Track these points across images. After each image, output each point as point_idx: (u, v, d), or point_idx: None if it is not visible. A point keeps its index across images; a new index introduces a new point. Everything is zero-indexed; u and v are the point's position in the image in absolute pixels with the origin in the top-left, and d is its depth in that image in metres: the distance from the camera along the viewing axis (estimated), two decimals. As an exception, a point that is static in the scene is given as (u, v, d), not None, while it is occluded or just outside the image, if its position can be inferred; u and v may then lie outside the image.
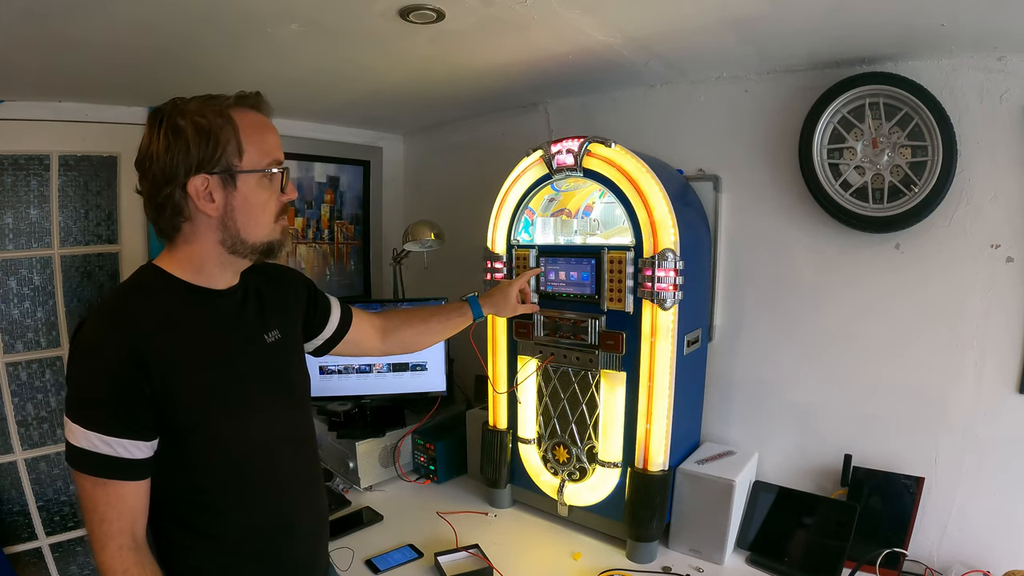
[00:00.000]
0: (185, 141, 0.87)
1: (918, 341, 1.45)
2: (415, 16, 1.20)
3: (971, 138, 1.33)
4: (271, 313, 1.09)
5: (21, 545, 1.86)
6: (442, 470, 1.95)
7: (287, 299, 1.16)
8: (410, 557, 1.50)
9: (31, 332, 1.87)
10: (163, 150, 0.88)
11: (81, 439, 0.84)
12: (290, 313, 1.16)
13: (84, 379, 0.86)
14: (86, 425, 0.84)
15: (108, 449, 0.84)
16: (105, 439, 0.84)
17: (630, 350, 1.47)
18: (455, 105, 2.14)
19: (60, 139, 1.85)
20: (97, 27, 1.22)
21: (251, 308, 1.06)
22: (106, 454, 0.84)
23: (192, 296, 0.96)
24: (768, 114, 1.61)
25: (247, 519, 0.99)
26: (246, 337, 1.03)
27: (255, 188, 0.93)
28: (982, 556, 1.36)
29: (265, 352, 1.05)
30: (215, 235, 0.94)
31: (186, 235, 0.94)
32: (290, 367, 1.11)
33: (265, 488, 1.01)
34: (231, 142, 0.90)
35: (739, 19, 1.25)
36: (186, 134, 0.87)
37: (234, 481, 0.97)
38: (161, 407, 0.87)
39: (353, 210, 2.59)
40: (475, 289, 1.64)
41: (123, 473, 0.86)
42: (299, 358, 1.17)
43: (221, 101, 0.92)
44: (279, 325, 1.10)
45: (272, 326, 1.08)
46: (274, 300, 1.12)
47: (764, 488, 1.59)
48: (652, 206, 1.41)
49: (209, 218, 0.92)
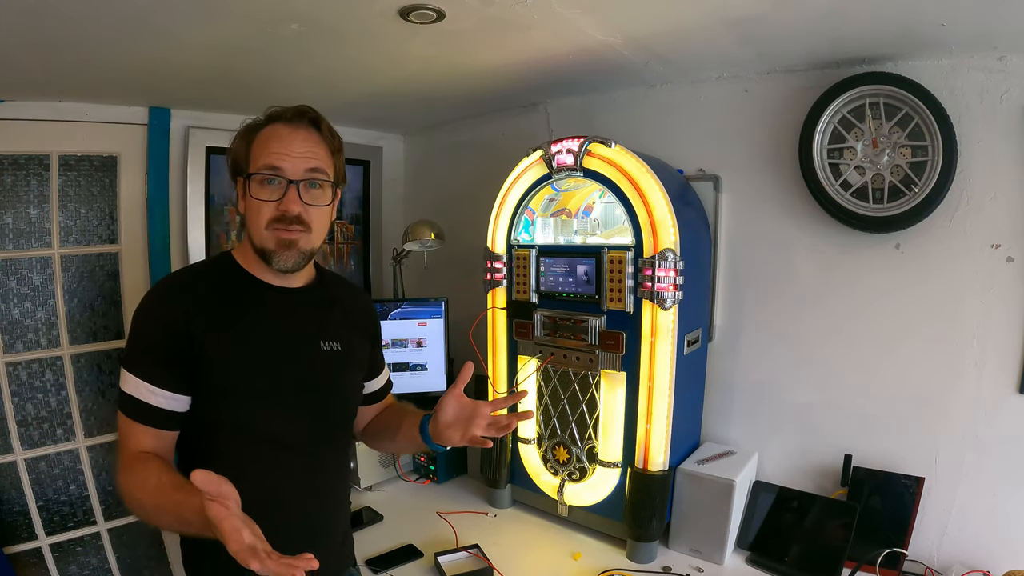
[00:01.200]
0: (233, 150, 1.04)
1: (918, 341, 1.45)
2: (415, 16, 1.20)
3: (971, 138, 1.33)
4: (339, 324, 1.13)
5: (21, 545, 1.86)
6: (442, 470, 1.95)
7: (359, 318, 1.21)
8: (410, 557, 1.50)
9: (31, 332, 1.87)
10: None
11: (129, 385, 0.95)
12: (356, 331, 1.18)
13: (135, 332, 0.98)
14: (134, 372, 0.95)
15: (150, 398, 0.94)
16: (150, 388, 0.94)
17: (630, 350, 1.47)
18: (455, 105, 2.14)
19: (60, 139, 1.85)
20: (97, 27, 1.22)
21: (317, 312, 1.11)
22: (146, 402, 0.94)
23: (246, 283, 1.05)
24: (768, 114, 1.61)
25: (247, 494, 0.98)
26: (298, 335, 1.07)
27: (255, 191, 1.00)
28: (982, 556, 1.36)
29: (316, 356, 1.08)
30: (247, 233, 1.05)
31: None
32: (336, 378, 1.12)
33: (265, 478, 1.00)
34: (245, 148, 1.02)
35: (739, 19, 1.25)
36: (234, 142, 1.04)
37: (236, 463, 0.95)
38: (195, 369, 0.96)
39: (353, 210, 2.59)
40: (475, 289, 1.63)
41: (156, 421, 0.96)
42: (349, 374, 1.16)
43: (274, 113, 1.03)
44: (342, 338, 1.12)
45: (335, 336, 1.11)
46: (348, 314, 1.16)
47: (764, 488, 1.59)
48: (652, 206, 1.41)
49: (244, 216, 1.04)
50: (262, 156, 0.99)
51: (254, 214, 1.00)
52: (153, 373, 0.95)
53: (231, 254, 1.08)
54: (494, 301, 1.72)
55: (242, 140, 1.03)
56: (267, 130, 1.01)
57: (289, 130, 1.00)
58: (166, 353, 0.95)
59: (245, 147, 1.02)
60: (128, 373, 0.96)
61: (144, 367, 0.95)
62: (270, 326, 1.05)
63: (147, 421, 0.96)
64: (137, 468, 0.93)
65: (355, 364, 1.18)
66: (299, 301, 1.09)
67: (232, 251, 1.09)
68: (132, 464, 0.94)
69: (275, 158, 0.98)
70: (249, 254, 1.06)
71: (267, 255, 1.01)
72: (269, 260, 1.01)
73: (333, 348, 1.11)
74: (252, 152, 1.01)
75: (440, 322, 2.04)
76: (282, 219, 0.99)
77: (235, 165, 1.04)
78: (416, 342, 2.03)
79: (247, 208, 1.02)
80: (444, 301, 2.05)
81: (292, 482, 1.05)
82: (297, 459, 1.05)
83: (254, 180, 0.99)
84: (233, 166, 1.04)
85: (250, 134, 1.02)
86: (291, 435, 1.04)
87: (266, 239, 1.00)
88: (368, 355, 1.23)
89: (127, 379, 0.96)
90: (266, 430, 1.02)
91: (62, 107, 1.82)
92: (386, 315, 2.03)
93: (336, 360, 1.11)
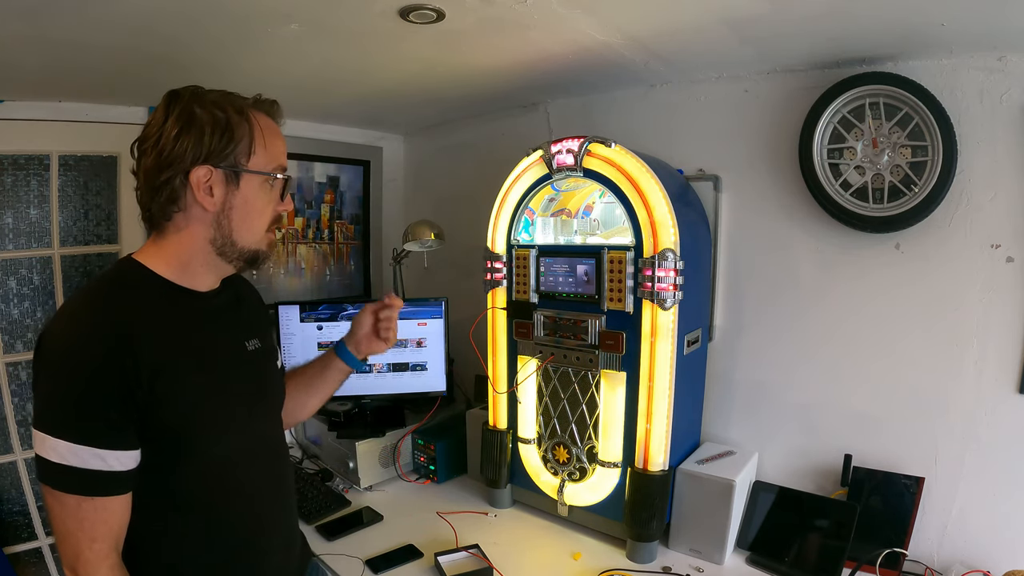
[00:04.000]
0: (199, 129, 0.85)
1: (918, 341, 1.45)
2: (415, 16, 1.20)
3: (971, 138, 1.33)
4: (251, 321, 1.08)
5: (21, 545, 1.86)
6: (442, 470, 1.95)
7: (262, 310, 1.16)
8: (410, 557, 1.50)
9: (31, 332, 1.87)
10: (173, 133, 0.85)
11: (66, 454, 0.75)
12: (264, 323, 1.14)
13: (62, 382, 0.78)
14: (70, 436, 0.76)
15: (98, 463, 0.77)
16: (94, 451, 0.76)
17: (630, 350, 1.47)
18: (455, 105, 2.14)
19: (60, 139, 1.85)
20: (97, 28, 1.22)
21: (232, 314, 1.03)
22: (96, 469, 0.77)
23: (174, 295, 0.91)
24: (768, 114, 1.61)
25: (217, 528, 0.95)
26: (228, 342, 1.00)
27: (256, 191, 0.92)
28: (982, 556, 1.36)
29: (246, 359, 1.02)
30: (207, 232, 0.90)
31: (177, 225, 0.90)
32: (268, 376, 1.09)
33: (237, 498, 0.98)
34: (244, 140, 0.89)
35: (739, 19, 1.25)
36: (201, 122, 0.86)
37: (208, 489, 0.93)
38: (146, 408, 0.81)
39: (353, 210, 2.59)
40: (475, 289, 1.63)
41: (113, 488, 0.79)
42: (275, 369, 1.14)
43: (241, 100, 0.91)
44: (258, 334, 1.07)
45: (252, 334, 1.06)
46: (253, 308, 1.12)
47: (764, 488, 1.59)
48: (652, 206, 1.41)
49: (205, 212, 0.89)
50: (274, 156, 0.93)
51: (255, 216, 0.93)
52: (96, 433, 0.77)
53: (136, 260, 0.91)
54: (494, 301, 1.72)
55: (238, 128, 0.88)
56: (263, 121, 0.92)
57: (276, 126, 0.96)
58: (108, 404, 0.77)
59: (246, 137, 0.89)
60: (61, 440, 0.75)
61: (81, 428, 0.76)
62: (206, 338, 0.94)
63: (106, 491, 0.78)
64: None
65: (274, 357, 1.13)
66: (217, 305, 0.99)
67: (137, 257, 0.91)
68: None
69: (284, 160, 0.96)
70: (177, 260, 0.91)
71: (255, 256, 0.96)
72: (255, 261, 0.96)
73: (255, 346, 1.05)
74: (256, 146, 0.90)
75: (440, 322, 2.04)
76: (278, 220, 0.98)
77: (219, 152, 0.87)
78: (416, 342, 2.03)
79: (239, 207, 0.90)
80: (444, 301, 2.05)
81: (264, 498, 1.02)
82: (264, 473, 1.02)
83: (257, 179, 0.91)
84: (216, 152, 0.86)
85: (243, 121, 0.89)
86: (253, 449, 1.00)
87: (262, 241, 0.96)
88: (276, 346, 1.19)
89: (59, 447, 0.75)
90: (235, 449, 0.96)
91: (62, 107, 1.82)
92: (386, 315, 2.03)
93: (262, 357, 1.07)
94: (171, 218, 0.89)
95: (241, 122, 0.89)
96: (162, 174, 0.86)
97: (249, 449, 1.00)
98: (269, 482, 1.04)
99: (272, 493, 1.05)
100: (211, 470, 0.93)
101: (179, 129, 0.85)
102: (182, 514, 0.91)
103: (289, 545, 1.11)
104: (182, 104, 0.86)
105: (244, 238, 0.93)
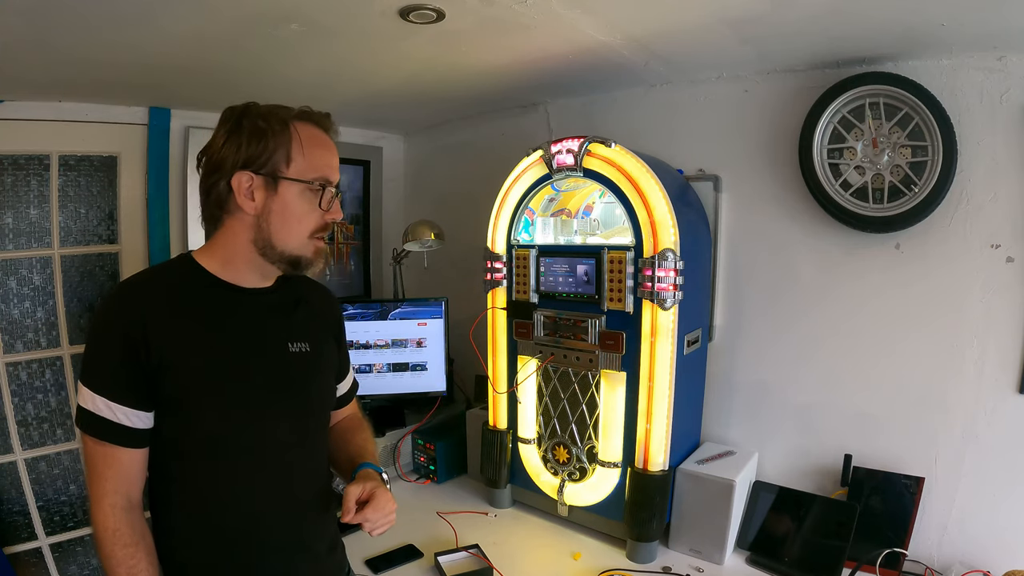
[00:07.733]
0: (240, 137, 0.95)
1: (918, 341, 1.45)
2: (415, 16, 1.20)
3: (971, 138, 1.33)
4: (306, 325, 1.10)
5: (21, 545, 1.86)
6: (442, 470, 1.95)
7: (328, 319, 1.18)
8: (410, 557, 1.50)
9: (31, 332, 1.87)
10: (221, 143, 0.96)
11: (88, 401, 0.90)
12: (324, 332, 1.15)
13: (93, 343, 0.93)
14: (92, 387, 0.90)
15: (109, 414, 0.90)
16: (108, 403, 0.89)
17: (630, 350, 1.47)
18: (455, 105, 2.14)
19: (60, 139, 1.85)
20: (97, 28, 1.22)
21: (282, 314, 1.07)
22: (107, 418, 0.90)
23: (213, 286, 0.99)
24: (768, 114, 1.61)
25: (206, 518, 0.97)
26: (265, 337, 1.03)
27: (296, 198, 0.97)
28: (982, 556, 1.36)
29: (285, 359, 1.04)
30: (248, 233, 0.98)
31: (225, 227, 0.99)
32: (305, 381, 1.08)
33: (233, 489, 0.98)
34: (281, 148, 0.95)
35: (739, 19, 1.25)
36: (243, 132, 0.95)
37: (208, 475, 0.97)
38: (155, 379, 0.91)
39: (353, 210, 2.59)
40: (475, 289, 1.63)
41: (121, 439, 0.91)
42: (320, 378, 1.13)
43: (287, 111, 0.98)
44: (311, 339, 1.09)
45: (303, 337, 1.07)
46: (314, 315, 1.13)
47: (764, 488, 1.59)
48: (652, 206, 1.41)
49: (246, 215, 0.97)
50: (315, 166, 0.97)
51: (294, 221, 0.97)
52: (111, 387, 0.90)
53: (192, 256, 1.02)
54: (494, 301, 1.72)
55: (276, 137, 0.95)
56: (307, 131, 0.98)
57: (326, 137, 1.01)
58: (123, 365, 0.90)
59: (284, 146, 0.95)
60: (86, 388, 0.90)
61: (102, 381, 0.90)
62: (236, 329, 1.00)
63: (113, 439, 0.91)
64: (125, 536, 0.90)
65: (326, 365, 1.14)
66: (264, 303, 1.04)
67: (193, 253, 1.02)
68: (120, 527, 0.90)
69: (329, 171, 1.00)
70: (222, 256, 1.00)
71: (299, 262, 1.00)
72: (300, 266, 1.01)
73: (302, 349, 1.06)
74: (294, 154, 0.96)
75: (440, 322, 2.04)
76: (325, 228, 1.01)
77: (256, 159, 0.94)
78: (416, 342, 2.03)
79: (278, 211, 0.96)
80: (444, 301, 2.05)
81: (270, 494, 1.02)
82: (272, 473, 1.02)
83: (297, 185, 0.96)
84: (254, 158, 0.94)
85: (284, 131, 0.96)
86: (266, 442, 1.00)
87: (306, 247, 1.00)
88: (336, 356, 1.20)
89: (85, 394, 0.91)
90: (239, 439, 0.97)
91: (62, 107, 1.82)
92: (386, 315, 2.03)
93: (306, 361, 1.07)
94: (220, 220, 1.00)
95: (282, 131, 0.96)
96: (210, 178, 0.97)
97: (259, 445, 1.00)
98: (275, 483, 1.02)
99: (279, 496, 1.03)
100: (212, 449, 0.96)
101: (225, 139, 0.96)
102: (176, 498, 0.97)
103: (300, 551, 1.07)
104: (234, 117, 0.97)
105: (283, 241, 0.98)
